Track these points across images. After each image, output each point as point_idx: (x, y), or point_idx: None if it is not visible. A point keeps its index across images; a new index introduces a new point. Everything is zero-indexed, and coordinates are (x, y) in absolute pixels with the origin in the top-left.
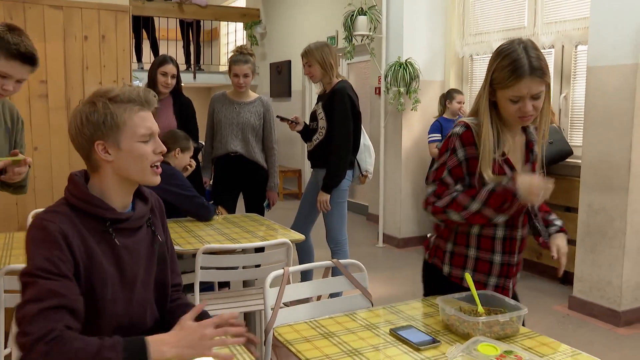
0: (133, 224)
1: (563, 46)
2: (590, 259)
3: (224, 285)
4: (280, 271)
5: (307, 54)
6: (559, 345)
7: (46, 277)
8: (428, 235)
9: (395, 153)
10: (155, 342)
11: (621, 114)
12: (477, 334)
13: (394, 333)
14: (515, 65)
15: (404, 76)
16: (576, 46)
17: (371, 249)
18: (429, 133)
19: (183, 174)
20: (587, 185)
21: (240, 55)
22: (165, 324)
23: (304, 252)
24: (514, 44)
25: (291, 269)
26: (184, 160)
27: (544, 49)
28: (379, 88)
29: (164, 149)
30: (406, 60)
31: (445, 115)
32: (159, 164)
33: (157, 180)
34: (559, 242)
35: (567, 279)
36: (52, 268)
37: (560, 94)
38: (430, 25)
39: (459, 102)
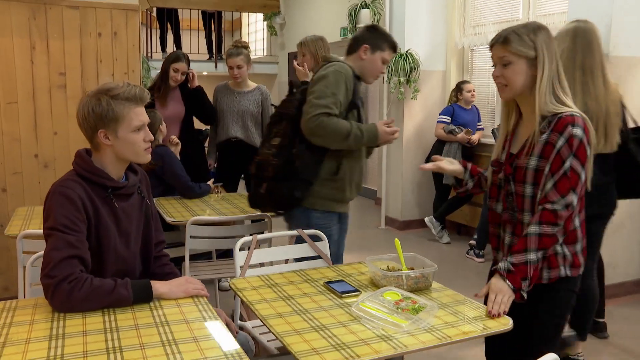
0: (127, 190)
1: None
2: None
3: (224, 256)
4: (250, 237)
5: (301, 45)
6: (460, 296)
7: (66, 231)
8: (426, 219)
9: (397, 140)
10: (153, 282)
11: None
12: (392, 286)
13: (326, 285)
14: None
15: (404, 66)
16: None
17: (374, 231)
18: (440, 114)
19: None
20: None
21: (234, 48)
22: (148, 276)
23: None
24: None
25: (260, 236)
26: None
27: None
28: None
29: (152, 137)
30: (407, 51)
31: (459, 104)
32: (148, 147)
33: (148, 158)
34: (491, 282)
35: None
36: (71, 225)
37: None
38: (431, 17)
39: (469, 91)
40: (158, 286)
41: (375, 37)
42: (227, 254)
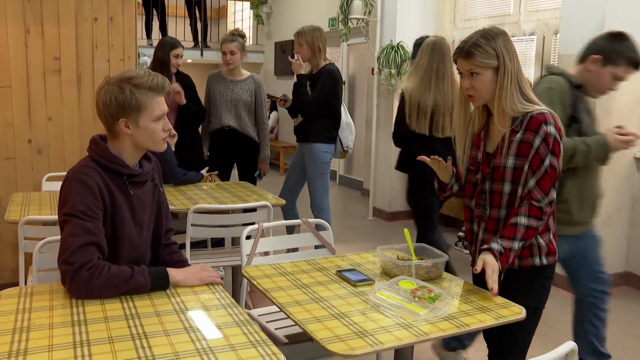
0: (142, 178)
1: (544, 36)
2: None
3: (217, 244)
4: (256, 226)
5: (298, 35)
6: (470, 285)
7: (83, 218)
8: None
9: (387, 131)
10: (169, 270)
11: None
12: (405, 275)
13: (339, 274)
14: (456, 48)
15: (396, 59)
16: (555, 34)
17: (362, 222)
18: None
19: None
20: None
21: (230, 35)
22: (157, 264)
23: (290, 219)
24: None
25: (265, 224)
26: None
27: (525, 35)
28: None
29: (170, 127)
30: (398, 44)
31: None
32: (166, 136)
33: (164, 147)
34: (486, 257)
35: None
36: (88, 211)
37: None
38: (422, 10)
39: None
40: (174, 273)
41: (612, 48)
42: (220, 243)
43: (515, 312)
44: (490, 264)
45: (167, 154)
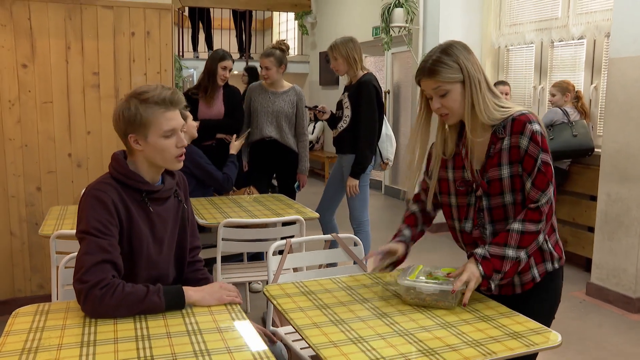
0: (163, 194)
1: (594, 39)
2: (607, 247)
3: (255, 258)
4: (283, 242)
5: (332, 49)
6: (504, 308)
7: (98, 235)
8: None
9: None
10: (186, 289)
11: (639, 105)
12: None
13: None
14: (417, 69)
15: None
16: (606, 36)
17: None
18: None
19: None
20: (606, 175)
21: (269, 49)
22: (182, 282)
23: (328, 232)
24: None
25: (293, 240)
26: (191, 129)
27: (574, 39)
28: None
29: (185, 143)
30: None
31: None
32: (180, 153)
33: (180, 166)
34: (467, 264)
35: (587, 266)
36: (103, 229)
37: (591, 84)
38: (466, 16)
39: (502, 93)
40: (191, 293)
41: None
42: (257, 256)
43: (550, 339)
44: (467, 270)
45: (205, 167)
